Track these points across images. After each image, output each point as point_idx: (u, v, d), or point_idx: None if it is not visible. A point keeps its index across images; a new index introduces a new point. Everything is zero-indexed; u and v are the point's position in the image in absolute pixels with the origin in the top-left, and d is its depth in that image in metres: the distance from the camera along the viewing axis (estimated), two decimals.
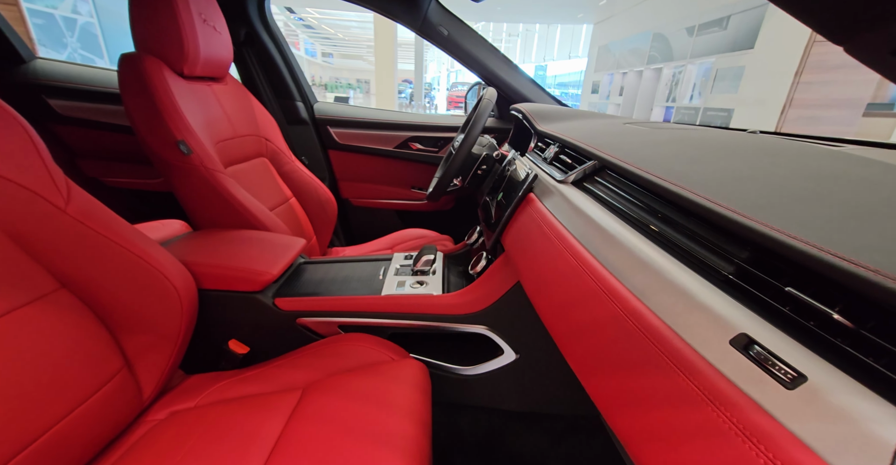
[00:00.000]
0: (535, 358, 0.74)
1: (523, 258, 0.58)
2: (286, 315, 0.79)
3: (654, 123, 0.84)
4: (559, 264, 0.45)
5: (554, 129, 0.83)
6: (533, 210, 0.60)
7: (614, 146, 0.55)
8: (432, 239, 1.36)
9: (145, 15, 0.84)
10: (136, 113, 0.85)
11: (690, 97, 5.24)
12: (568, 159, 0.65)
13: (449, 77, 21.60)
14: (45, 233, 0.52)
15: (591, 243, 0.41)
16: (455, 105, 15.35)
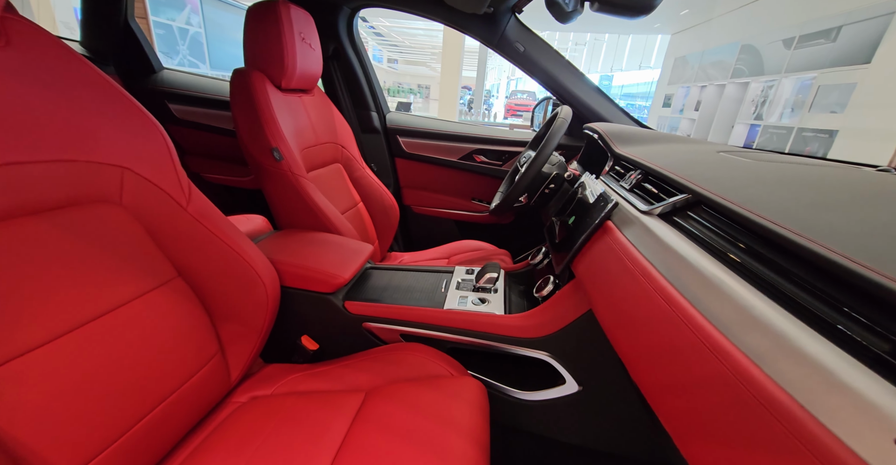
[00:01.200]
0: (601, 393, 0.71)
1: (599, 291, 0.56)
2: (354, 318, 0.83)
3: (753, 153, 0.77)
4: (647, 305, 0.43)
5: (635, 153, 0.80)
6: (612, 240, 0.58)
7: (712, 179, 0.52)
8: (490, 253, 1.36)
9: (257, 35, 0.94)
10: (241, 121, 0.95)
11: (781, 115, 4.74)
12: (653, 188, 0.62)
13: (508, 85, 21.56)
14: (169, 227, 0.60)
15: (686, 287, 0.39)
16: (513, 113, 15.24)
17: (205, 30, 5.20)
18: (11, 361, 0.41)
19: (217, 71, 5.46)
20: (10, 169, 0.44)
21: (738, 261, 0.38)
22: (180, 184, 0.61)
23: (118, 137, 0.53)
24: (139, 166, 0.55)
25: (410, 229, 1.69)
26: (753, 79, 5.26)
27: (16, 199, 0.45)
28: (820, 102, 4.11)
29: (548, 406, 0.76)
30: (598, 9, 0.65)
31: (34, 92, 0.47)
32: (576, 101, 1.28)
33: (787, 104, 4.66)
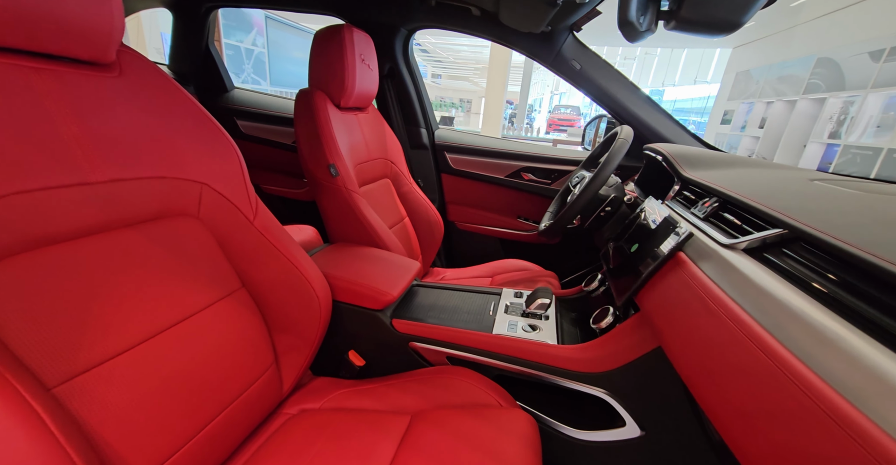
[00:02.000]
0: (667, 441, 0.65)
1: (674, 330, 0.51)
2: (401, 337, 0.82)
3: (855, 182, 0.68)
4: (739, 355, 0.38)
5: (707, 178, 0.74)
6: (687, 275, 0.53)
7: (812, 212, 0.46)
8: (536, 274, 1.32)
9: (321, 57, 0.99)
10: (303, 138, 0.99)
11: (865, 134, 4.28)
12: (735, 219, 0.57)
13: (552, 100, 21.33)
14: (237, 239, 0.63)
15: (792, 340, 0.34)
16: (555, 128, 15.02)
17: (268, 50, 5.64)
18: (104, 363, 0.44)
19: (276, 87, 5.88)
20: (115, 185, 0.48)
21: (860, 313, 0.32)
22: (249, 199, 0.64)
23: (201, 156, 0.58)
24: (216, 183, 0.59)
25: (454, 245, 1.68)
26: (832, 94, 4.82)
27: (116, 212, 0.49)
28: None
29: (603, 449, 0.70)
30: (676, 28, 0.62)
31: (139, 115, 0.52)
32: (635, 120, 1.22)
33: (872, 122, 4.21)
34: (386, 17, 1.31)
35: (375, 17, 1.31)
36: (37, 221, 0.41)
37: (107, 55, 0.48)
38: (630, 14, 0.58)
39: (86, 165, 0.45)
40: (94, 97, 0.47)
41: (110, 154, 0.48)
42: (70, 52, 0.45)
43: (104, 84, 0.49)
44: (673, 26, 0.63)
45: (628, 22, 0.58)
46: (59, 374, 0.40)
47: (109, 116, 0.48)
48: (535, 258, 1.47)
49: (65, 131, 0.44)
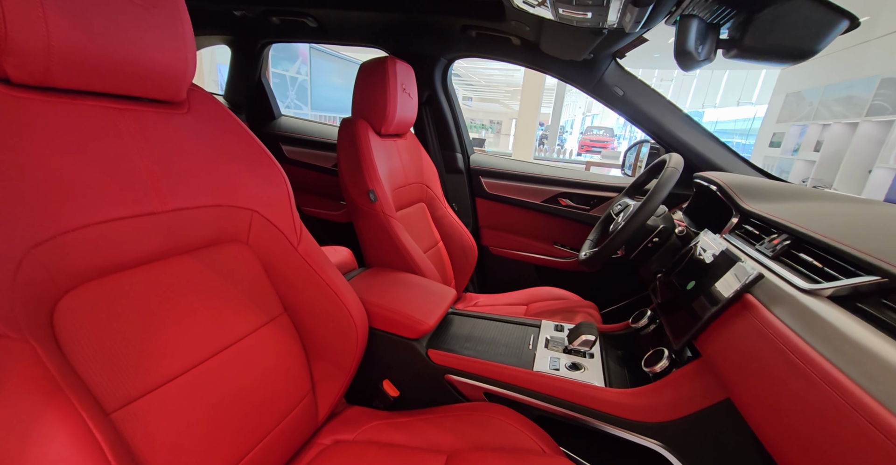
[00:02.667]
0: None
1: (750, 387, 0.46)
2: (436, 368, 0.79)
3: None
4: (847, 430, 0.33)
5: (774, 212, 0.68)
6: (760, 322, 0.48)
7: None
8: (574, 304, 1.25)
9: (365, 88, 1.03)
10: (344, 164, 1.02)
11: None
12: (814, 261, 0.51)
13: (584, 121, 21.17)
14: (281, 265, 0.64)
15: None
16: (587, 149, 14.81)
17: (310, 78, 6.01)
18: (157, 388, 0.45)
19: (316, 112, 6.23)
20: (176, 214, 0.50)
21: None
22: (294, 225, 0.65)
23: (253, 184, 0.60)
24: (265, 209, 0.61)
25: (487, 270, 1.64)
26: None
27: (175, 240, 0.51)
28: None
29: None
30: (737, 56, 0.58)
31: (203, 149, 0.55)
32: (683, 146, 1.17)
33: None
34: (427, 49, 1.35)
35: (417, 49, 1.36)
36: (109, 250, 0.44)
37: (180, 94, 0.52)
38: (688, 44, 0.55)
39: (154, 196, 0.48)
40: (165, 133, 0.51)
41: (175, 185, 0.50)
42: (149, 94, 0.49)
43: (175, 121, 0.52)
44: (734, 55, 0.60)
45: (686, 52, 0.56)
46: (118, 399, 0.41)
47: (177, 151, 0.51)
48: (573, 287, 1.40)
49: (139, 165, 0.47)
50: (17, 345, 0.34)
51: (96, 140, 0.43)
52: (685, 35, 0.55)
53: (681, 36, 0.56)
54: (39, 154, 0.39)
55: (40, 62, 0.38)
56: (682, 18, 0.56)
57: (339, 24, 1.34)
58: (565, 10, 0.65)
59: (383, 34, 1.36)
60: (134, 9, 0.43)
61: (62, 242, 0.39)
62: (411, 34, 1.32)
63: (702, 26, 0.56)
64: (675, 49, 0.57)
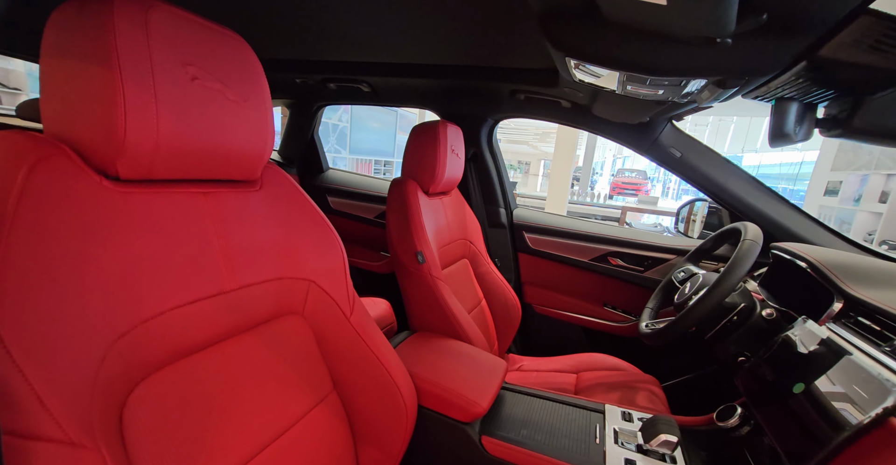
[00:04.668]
0: None
1: None
2: (491, 460, 0.70)
3: None
4: None
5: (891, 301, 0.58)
6: None
7: None
8: (633, 378, 1.13)
9: (416, 149, 1.04)
10: (393, 224, 1.01)
11: None
12: None
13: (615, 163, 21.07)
14: (333, 336, 0.61)
15: None
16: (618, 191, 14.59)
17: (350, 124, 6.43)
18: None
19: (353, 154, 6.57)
20: (242, 291, 0.50)
21: None
22: (348, 295, 0.63)
23: (312, 254, 0.59)
24: (322, 279, 0.59)
25: (530, 330, 1.54)
26: None
27: (240, 317, 0.50)
28: None
29: None
30: (842, 136, 0.53)
31: (271, 224, 0.55)
32: (751, 210, 1.09)
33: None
34: (475, 111, 1.39)
35: (465, 111, 1.40)
36: (180, 335, 0.43)
37: (256, 174, 0.54)
38: (787, 128, 0.51)
39: (225, 274, 0.48)
40: (239, 212, 0.51)
41: (244, 262, 0.50)
42: (230, 176, 0.50)
43: (248, 199, 0.53)
44: (837, 135, 0.54)
45: (784, 135, 0.51)
46: None
47: (248, 228, 0.52)
48: (626, 354, 1.28)
49: (214, 245, 0.47)
50: (90, 455, 0.32)
51: (183, 225, 0.44)
52: (783, 119, 0.51)
53: (778, 119, 0.52)
54: (132, 243, 0.39)
55: (147, 160, 0.39)
56: (778, 101, 0.52)
57: (392, 90, 1.40)
58: (634, 87, 0.63)
59: (433, 98, 1.42)
60: (230, 104, 0.46)
61: (141, 331, 0.39)
62: (460, 98, 1.36)
63: (800, 109, 0.52)
64: (771, 132, 0.53)
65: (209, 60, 0.44)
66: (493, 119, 1.43)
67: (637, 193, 13.54)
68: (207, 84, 0.43)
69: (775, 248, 0.92)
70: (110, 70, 0.36)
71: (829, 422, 0.49)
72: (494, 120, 1.44)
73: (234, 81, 0.46)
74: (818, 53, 0.45)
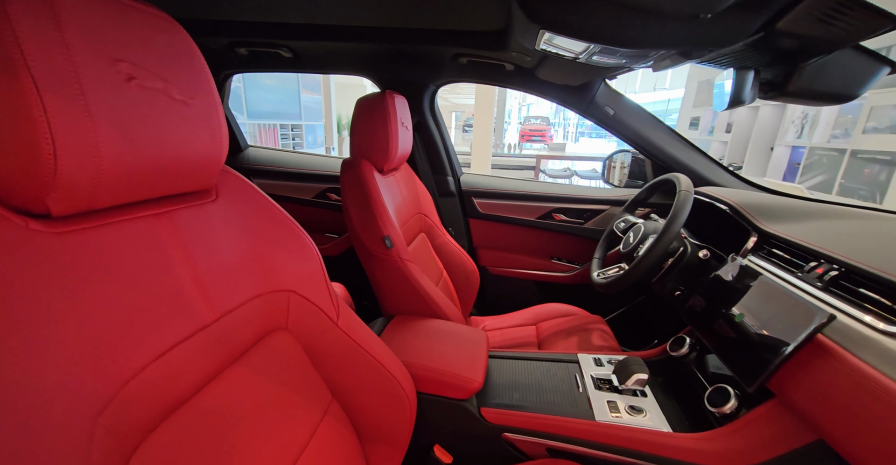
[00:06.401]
0: None
1: (852, 430, 0.47)
2: (492, 428, 0.75)
3: None
4: None
5: (800, 235, 0.71)
6: (849, 370, 0.49)
7: None
8: (583, 320, 1.26)
9: (365, 126, 0.94)
10: (353, 209, 0.92)
11: (829, 137, 4.56)
12: (881, 298, 0.53)
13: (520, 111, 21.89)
14: (323, 344, 0.57)
15: None
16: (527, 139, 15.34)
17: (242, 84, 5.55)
18: None
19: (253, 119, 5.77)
20: (225, 320, 0.44)
21: None
22: (332, 299, 0.59)
23: (286, 263, 0.53)
24: (301, 287, 0.54)
25: (487, 291, 1.62)
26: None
27: (225, 349, 0.44)
28: (873, 123, 3.94)
29: None
30: (777, 99, 0.60)
31: (237, 237, 0.48)
32: (674, 162, 1.22)
33: (834, 125, 4.49)
34: (416, 77, 1.28)
35: (405, 77, 1.28)
36: (170, 386, 0.37)
37: (211, 182, 0.45)
38: (745, 95, 0.55)
39: (202, 307, 0.42)
40: (201, 230, 0.44)
41: (218, 287, 0.44)
42: (183, 189, 0.42)
43: (206, 212, 0.45)
44: (772, 97, 0.61)
45: (741, 101, 0.56)
46: None
47: (214, 247, 0.45)
48: (573, 299, 1.42)
49: (183, 276, 0.40)
50: None
51: (143, 260, 0.38)
52: (742, 87, 0.56)
53: (738, 87, 0.56)
54: (85, 296, 0.33)
55: (88, 190, 0.32)
56: (738, 71, 0.56)
57: (320, 56, 1.22)
58: (601, 57, 0.63)
59: (369, 64, 1.27)
60: (177, 105, 0.37)
61: (124, 397, 0.33)
62: (399, 64, 1.24)
63: (755, 77, 0.57)
64: (732, 98, 0.57)
65: (142, 52, 0.34)
66: (434, 85, 1.34)
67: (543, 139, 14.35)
68: (147, 83, 0.34)
69: (697, 193, 1.06)
70: (18, 82, 0.25)
71: (770, 342, 0.61)
72: (436, 85, 1.35)
73: (176, 75, 0.37)
74: (776, 26, 0.49)
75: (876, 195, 3.86)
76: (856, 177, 4.13)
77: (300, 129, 5.54)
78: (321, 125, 6.20)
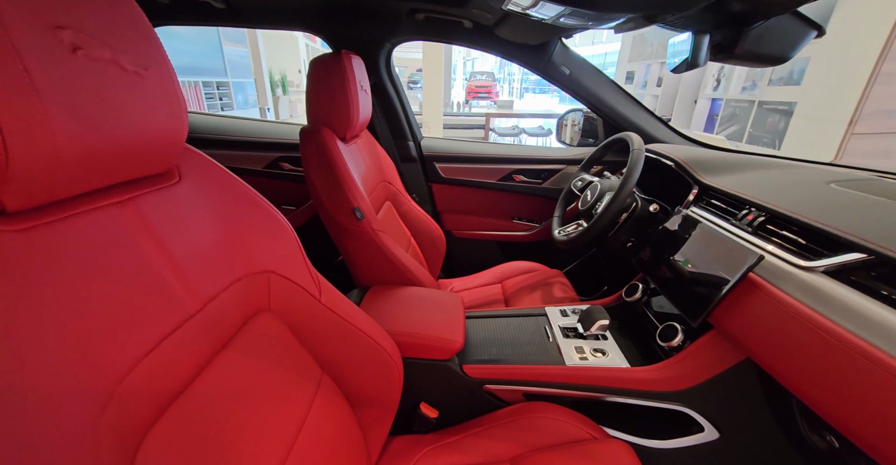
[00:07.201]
0: (742, 439, 0.74)
1: (778, 355, 0.56)
2: (474, 382, 0.81)
3: (863, 183, 0.74)
4: (884, 391, 0.43)
5: (734, 186, 0.79)
6: (771, 299, 0.57)
7: (888, 236, 0.51)
8: (545, 275, 1.36)
9: (323, 91, 0.87)
10: (318, 182, 0.88)
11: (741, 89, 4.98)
12: (798, 238, 0.62)
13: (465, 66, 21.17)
14: (308, 321, 0.58)
15: None
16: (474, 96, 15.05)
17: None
18: None
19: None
20: (210, 307, 0.43)
21: None
22: (312, 277, 0.59)
23: (263, 243, 0.52)
24: (280, 267, 0.54)
25: (452, 254, 1.66)
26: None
27: (215, 335, 0.44)
28: (777, 75, 4.33)
29: (680, 454, 0.77)
30: (724, 60, 0.65)
31: (207, 219, 0.46)
32: (625, 121, 1.28)
33: (746, 78, 4.88)
34: (371, 34, 1.18)
35: (358, 34, 1.17)
36: (165, 379, 0.38)
37: (172, 162, 0.43)
38: (700, 58, 0.59)
39: (185, 296, 0.41)
40: (167, 216, 0.42)
41: (197, 274, 0.43)
42: (143, 172, 0.39)
43: (171, 196, 0.43)
44: (720, 60, 0.66)
45: (697, 64, 0.60)
46: None
47: (185, 233, 0.43)
48: (534, 256, 1.51)
49: (159, 265, 0.39)
50: None
51: (113, 255, 0.36)
52: (699, 51, 0.59)
53: (696, 51, 0.59)
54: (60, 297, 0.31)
55: (47, 180, 0.29)
56: (696, 35, 0.59)
57: (260, 8, 1.07)
58: (568, 19, 0.63)
59: (318, 19, 1.14)
60: (129, 77, 0.33)
61: (122, 393, 0.33)
62: (351, 19, 1.13)
63: (710, 41, 0.60)
64: (690, 62, 0.60)
65: (82, 15, 0.29)
66: (390, 43, 1.25)
67: (490, 96, 14.15)
68: (94, 53, 0.30)
69: (649, 151, 1.13)
70: None
71: (710, 282, 0.70)
72: (392, 44, 1.26)
73: (124, 42, 0.33)
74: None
75: (776, 142, 4.37)
76: (761, 126, 4.60)
77: (227, 87, 4.90)
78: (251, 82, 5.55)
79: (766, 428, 0.71)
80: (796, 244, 0.61)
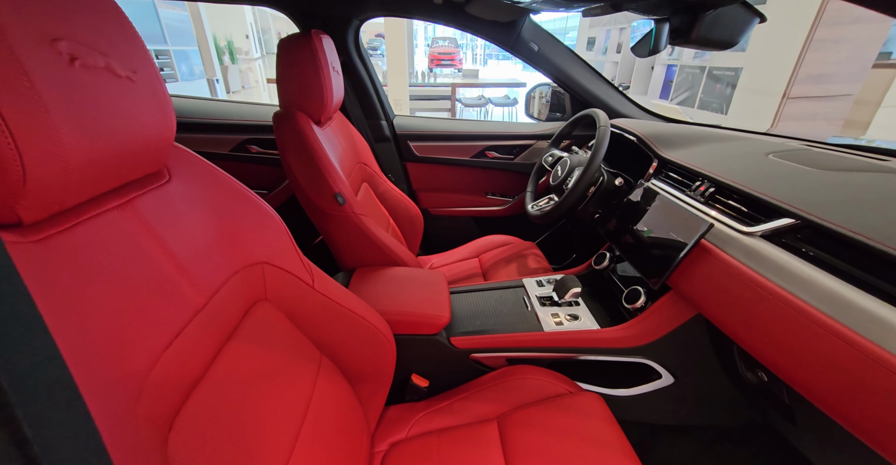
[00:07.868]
0: (693, 381, 0.86)
1: (724, 309, 0.64)
2: (461, 352, 0.88)
3: (803, 154, 0.80)
4: (801, 332, 0.51)
5: (688, 159, 0.87)
6: (720, 262, 0.65)
7: (812, 202, 0.58)
8: (520, 247, 1.43)
9: (294, 73, 0.85)
10: (297, 168, 0.87)
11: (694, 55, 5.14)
12: (741, 206, 0.69)
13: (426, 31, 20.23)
14: (303, 308, 0.61)
15: (842, 315, 0.47)
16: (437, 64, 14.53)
17: None
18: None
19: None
20: (214, 300, 0.46)
21: (869, 283, 0.47)
22: (304, 265, 0.62)
23: (255, 235, 0.55)
24: (274, 258, 0.57)
25: (429, 231, 1.69)
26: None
27: (222, 327, 0.47)
28: None
29: (643, 398, 0.89)
30: (680, 44, 0.69)
31: (201, 217, 0.48)
32: (592, 97, 1.32)
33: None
34: (339, 10, 1.12)
35: (327, 11, 1.12)
36: (183, 371, 0.40)
37: (163, 161, 0.44)
38: (662, 44, 0.63)
39: (191, 292, 0.43)
40: (163, 215, 0.43)
41: (199, 270, 0.45)
42: (136, 174, 0.40)
43: (164, 195, 0.44)
44: (678, 44, 0.71)
45: (658, 50, 0.64)
46: None
47: (182, 231, 0.45)
48: (508, 229, 1.58)
49: (164, 265, 0.41)
50: None
51: (121, 257, 0.38)
52: (661, 37, 0.63)
53: (658, 38, 0.63)
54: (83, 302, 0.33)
55: (60, 190, 0.31)
56: (658, 23, 0.63)
57: None
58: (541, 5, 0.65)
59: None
60: (122, 83, 0.34)
61: (151, 388, 0.36)
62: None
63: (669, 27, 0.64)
64: (652, 48, 0.65)
65: (77, 25, 0.30)
66: (358, 20, 1.20)
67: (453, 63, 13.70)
68: (90, 62, 0.30)
69: (615, 126, 1.19)
70: None
71: (669, 248, 0.78)
72: (360, 20, 1.21)
73: (114, 47, 0.34)
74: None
75: (723, 107, 4.61)
76: (711, 92, 4.83)
77: (168, 56, 4.44)
78: (195, 51, 5.05)
79: (713, 371, 0.84)
80: (739, 212, 0.69)
